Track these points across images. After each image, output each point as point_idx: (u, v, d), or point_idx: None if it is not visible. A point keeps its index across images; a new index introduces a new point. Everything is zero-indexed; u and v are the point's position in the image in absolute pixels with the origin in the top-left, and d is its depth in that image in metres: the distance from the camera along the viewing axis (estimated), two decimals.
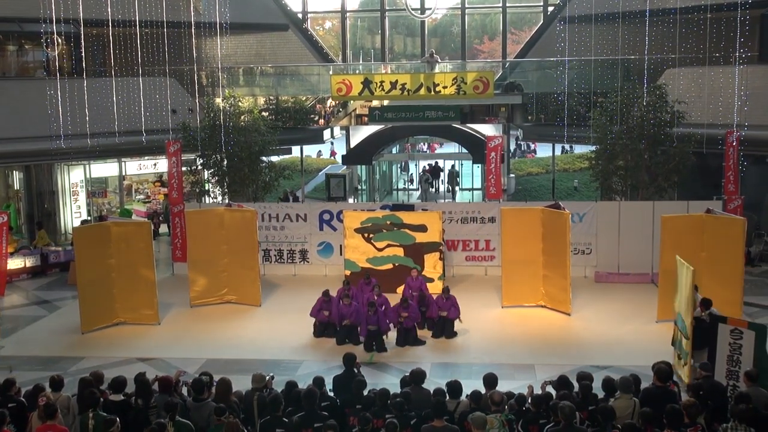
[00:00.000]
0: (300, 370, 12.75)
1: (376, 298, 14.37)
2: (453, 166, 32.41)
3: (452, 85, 22.73)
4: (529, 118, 27.57)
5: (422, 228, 16.90)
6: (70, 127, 20.88)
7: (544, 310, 15.86)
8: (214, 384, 9.34)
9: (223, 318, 15.86)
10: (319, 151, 39.07)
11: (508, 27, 28.94)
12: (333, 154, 38.65)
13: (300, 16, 28.60)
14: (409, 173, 35.51)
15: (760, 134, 19.39)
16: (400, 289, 15.84)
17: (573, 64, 23.88)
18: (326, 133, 27.78)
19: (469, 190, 32.26)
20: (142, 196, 26.47)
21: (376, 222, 17.12)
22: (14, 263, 19.48)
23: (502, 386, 9.31)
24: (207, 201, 22.52)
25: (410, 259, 16.93)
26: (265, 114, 24.77)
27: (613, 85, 22.02)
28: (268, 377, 9.60)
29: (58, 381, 9.36)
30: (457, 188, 32.42)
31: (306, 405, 8.43)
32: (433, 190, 31.44)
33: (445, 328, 14.40)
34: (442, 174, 32.64)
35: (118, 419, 8.26)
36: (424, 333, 14.45)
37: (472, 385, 9.37)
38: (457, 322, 14.50)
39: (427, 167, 32.74)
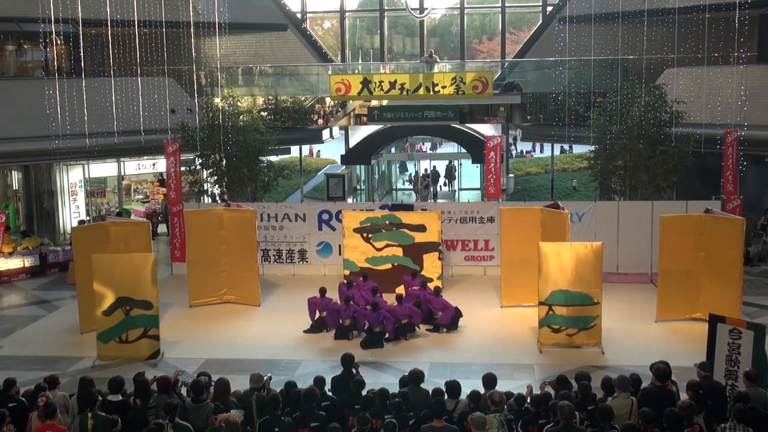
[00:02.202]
0: (299, 370, 12.75)
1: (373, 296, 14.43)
2: (450, 161, 32.44)
3: (451, 84, 22.75)
4: (528, 117, 27.60)
5: (421, 228, 16.90)
6: (69, 127, 20.87)
7: None
8: (213, 384, 9.34)
9: (222, 318, 15.85)
10: (318, 150, 39.05)
11: (507, 27, 28.94)
12: (311, 153, 38.60)
13: (299, 16, 28.60)
14: (408, 174, 35.44)
15: (759, 134, 19.41)
16: (400, 290, 15.85)
17: (572, 64, 23.90)
18: (325, 133, 27.78)
19: (456, 190, 32.32)
20: (140, 196, 26.48)
21: (375, 222, 17.12)
22: (13, 263, 19.48)
23: (502, 386, 9.31)
24: (206, 201, 22.52)
25: (409, 259, 16.93)
26: (264, 114, 24.77)
27: (612, 85, 22.04)
28: (266, 377, 9.61)
29: (53, 380, 9.38)
30: (454, 183, 32.46)
31: (305, 405, 8.43)
32: (431, 195, 31.22)
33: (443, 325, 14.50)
34: (440, 179, 32.53)
35: (119, 420, 8.26)
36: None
37: (471, 385, 9.38)
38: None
39: (424, 172, 32.40)
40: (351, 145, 26.93)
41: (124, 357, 13.34)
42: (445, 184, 33.39)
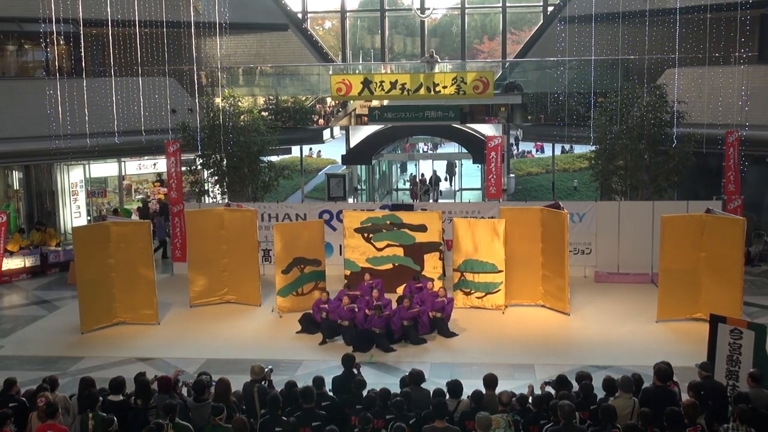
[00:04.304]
0: (300, 370, 12.75)
1: (375, 301, 14.41)
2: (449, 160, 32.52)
3: (452, 85, 22.73)
4: (529, 118, 27.58)
5: (422, 228, 16.88)
6: (70, 127, 20.86)
7: (544, 309, 15.88)
8: (213, 384, 9.33)
9: (222, 318, 15.85)
10: (319, 150, 39.02)
11: (508, 27, 28.92)
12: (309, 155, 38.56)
13: (300, 16, 28.58)
14: (410, 174, 35.36)
15: (760, 134, 19.40)
16: (401, 290, 15.85)
17: (573, 64, 23.87)
18: (326, 133, 27.79)
19: (456, 190, 32.27)
20: (141, 196, 26.46)
21: (376, 222, 17.11)
22: (14, 263, 19.48)
23: (502, 386, 9.30)
24: (206, 201, 22.52)
25: (410, 259, 16.92)
26: (264, 114, 24.76)
27: (613, 85, 22.02)
28: (267, 369, 9.69)
29: (53, 381, 9.38)
30: (454, 179, 32.37)
31: (303, 404, 8.42)
32: (431, 198, 30.98)
33: (440, 328, 14.45)
34: (440, 182, 32.32)
35: (115, 419, 8.27)
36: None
37: (471, 385, 9.37)
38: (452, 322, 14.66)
39: (421, 176, 31.84)
40: (352, 145, 26.91)
41: (299, 308, 15.51)
42: (445, 179, 33.29)
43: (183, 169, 20.40)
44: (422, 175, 31.79)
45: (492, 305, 15.82)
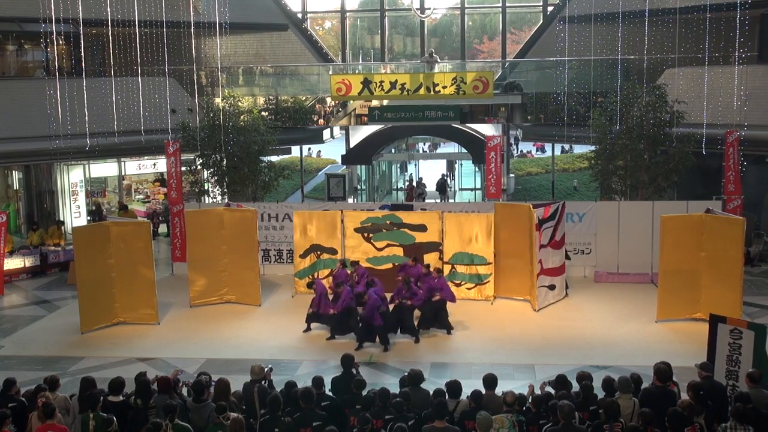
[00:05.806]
0: (300, 370, 12.76)
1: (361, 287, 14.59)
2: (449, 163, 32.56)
3: (452, 85, 22.74)
4: (529, 118, 27.58)
5: (422, 228, 16.91)
6: (70, 127, 20.87)
7: (544, 309, 15.88)
8: (213, 384, 9.34)
9: (222, 318, 15.86)
10: (319, 150, 39.02)
11: (508, 27, 28.92)
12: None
13: (299, 15, 28.59)
14: (409, 174, 35.31)
15: (760, 134, 19.41)
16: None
17: (572, 64, 23.88)
18: (326, 133, 27.80)
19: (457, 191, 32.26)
20: (141, 196, 26.48)
21: (376, 222, 17.13)
22: (14, 263, 19.48)
23: (502, 386, 9.31)
24: (206, 201, 22.52)
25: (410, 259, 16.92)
26: (264, 114, 24.76)
27: (612, 85, 22.01)
28: (266, 369, 9.69)
29: (53, 381, 9.38)
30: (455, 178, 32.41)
31: (303, 404, 8.43)
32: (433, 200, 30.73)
33: (438, 316, 14.47)
34: (448, 188, 32.13)
35: (115, 419, 8.26)
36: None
37: (471, 385, 9.37)
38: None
39: (419, 180, 31.32)
40: (352, 145, 26.91)
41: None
42: (446, 175, 33.23)
43: (183, 169, 20.41)
44: (420, 178, 31.66)
45: (482, 296, 16.41)
